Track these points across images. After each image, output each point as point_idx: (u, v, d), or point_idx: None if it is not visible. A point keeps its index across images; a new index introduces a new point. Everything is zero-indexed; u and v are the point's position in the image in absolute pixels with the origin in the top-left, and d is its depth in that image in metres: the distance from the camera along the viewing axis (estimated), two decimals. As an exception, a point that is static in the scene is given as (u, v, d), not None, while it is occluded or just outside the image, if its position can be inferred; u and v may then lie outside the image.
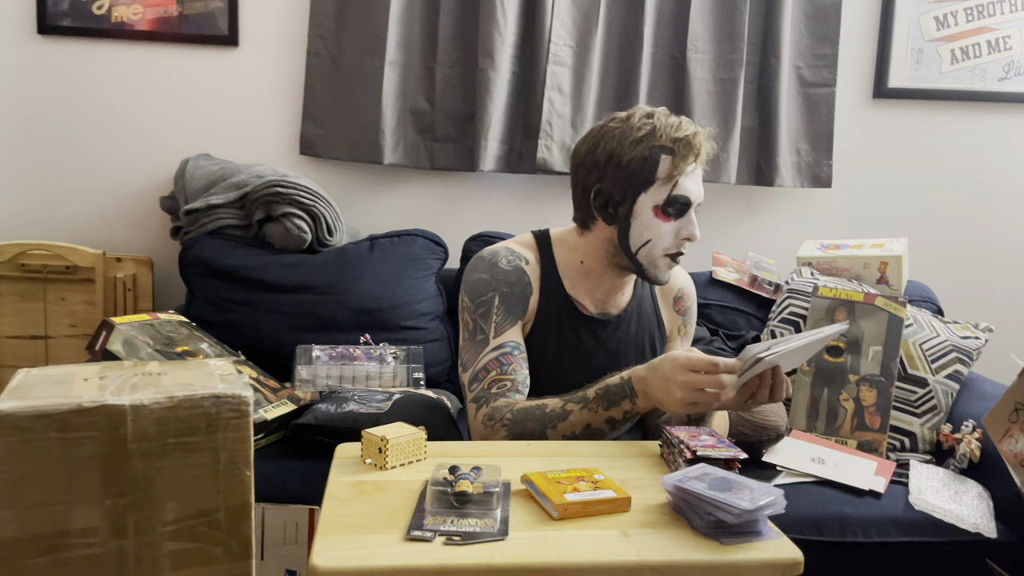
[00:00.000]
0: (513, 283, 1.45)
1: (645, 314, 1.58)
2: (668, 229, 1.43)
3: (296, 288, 2.09)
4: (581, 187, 1.48)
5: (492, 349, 1.42)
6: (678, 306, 1.62)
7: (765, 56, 2.42)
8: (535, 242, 1.54)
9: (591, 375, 1.38)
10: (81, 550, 0.86)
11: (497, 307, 1.44)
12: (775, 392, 1.30)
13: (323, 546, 0.94)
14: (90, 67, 2.34)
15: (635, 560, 0.95)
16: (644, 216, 1.42)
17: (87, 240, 2.36)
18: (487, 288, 1.45)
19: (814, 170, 2.47)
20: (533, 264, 1.49)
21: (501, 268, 1.46)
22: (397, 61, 2.32)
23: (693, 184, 1.43)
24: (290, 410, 1.77)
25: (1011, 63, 2.49)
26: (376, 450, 1.18)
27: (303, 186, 2.12)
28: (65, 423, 0.84)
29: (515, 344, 1.43)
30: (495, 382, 1.40)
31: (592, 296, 1.52)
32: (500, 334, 1.43)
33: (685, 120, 1.44)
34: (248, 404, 0.90)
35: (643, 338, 1.57)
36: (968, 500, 1.70)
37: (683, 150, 1.40)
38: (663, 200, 1.41)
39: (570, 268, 1.51)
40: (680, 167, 1.40)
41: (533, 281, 1.48)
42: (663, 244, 1.43)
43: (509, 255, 1.48)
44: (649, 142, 1.40)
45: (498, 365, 1.40)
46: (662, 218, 1.42)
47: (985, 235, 2.60)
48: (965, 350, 2.02)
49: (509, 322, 1.44)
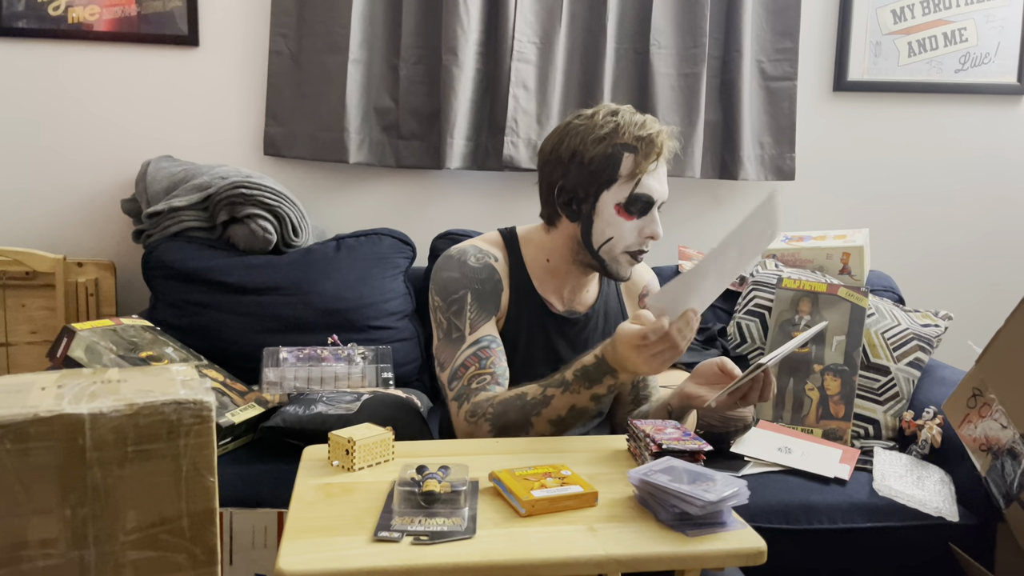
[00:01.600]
0: (484, 280, 1.45)
1: (612, 311, 1.58)
2: (630, 227, 1.43)
3: (262, 290, 2.07)
4: (546, 184, 1.48)
5: (469, 345, 1.41)
6: (643, 303, 1.63)
7: (727, 50, 2.44)
8: (502, 240, 1.53)
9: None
10: (40, 561, 0.85)
11: (470, 304, 1.43)
12: (764, 393, 1.34)
13: (290, 550, 0.93)
14: (47, 69, 2.30)
15: (602, 554, 0.95)
16: (606, 214, 1.42)
17: (47, 245, 2.32)
18: (458, 286, 1.44)
19: (777, 163, 2.50)
20: (502, 262, 1.49)
21: (471, 266, 1.45)
22: (360, 59, 2.31)
23: (656, 183, 1.43)
24: (258, 413, 1.75)
25: (967, 55, 2.53)
26: (343, 452, 1.17)
27: (267, 187, 2.10)
28: (22, 433, 0.83)
29: (492, 337, 1.43)
30: (474, 377, 1.39)
31: (559, 294, 1.52)
32: (475, 330, 1.42)
33: (650, 118, 1.44)
34: (210, 409, 0.89)
35: (610, 335, 1.57)
36: (931, 485, 1.73)
37: (646, 148, 1.40)
38: (625, 198, 1.41)
39: (537, 266, 1.51)
40: (643, 165, 1.40)
41: (503, 278, 1.48)
42: (625, 242, 1.43)
43: (477, 253, 1.48)
44: (612, 140, 1.40)
45: (476, 360, 1.40)
46: (624, 216, 1.42)
47: (944, 224, 2.65)
48: (925, 338, 2.06)
49: (483, 318, 1.43)
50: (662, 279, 2.29)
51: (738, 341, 2.15)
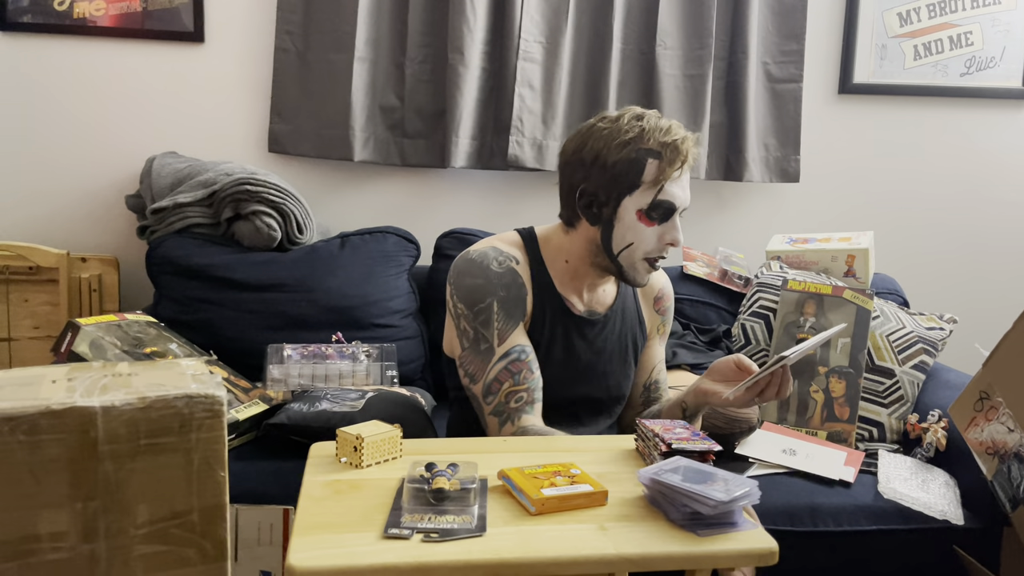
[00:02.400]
0: (509, 285, 1.42)
1: (628, 313, 1.57)
2: (651, 233, 1.41)
3: (266, 287, 2.07)
4: (567, 185, 1.46)
5: (499, 358, 1.39)
6: (658, 306, 1.62)
7: (733, 52, 2.44)
8: (521, 241, 1.50)
9: (575, 374, 1.37)
10: (50, 555, 0.84)
11: (497, 312, 1.40)
12: (782, 389, 1.34)
13: (300, 546, 0.93)
14: (52, 64, 2.29)
15: (613, 553, 0.95)
16: (628, 219, 1.41)
17: (51, 240, 2.31)
18: (484, 294, 1.41)
19: (782, 165, 2.50)
20: (523, 264, 1.46)
21: (494, 271, 1.42)
22: (366, 57, 2.31)
23: (679, 189, 1.41)
24: (262, 410, 1.75)
25: (972, 58, 2.53)
26: (351, 448, 1.17)
27: (272, 184, 2.10)
28: (33, 426, 0.82)
29: (521, 348, 1.41)
30: (511, 394, 1.38)
31: (580, 295, 1.51)
32: (504, 340, 1.40)
33: (675, 124, 1.42)
34: (222, 404, 0.89)
35: (626, 337, 1.57)
36: (935, 488, 1.73)
37: (671, 155, 1.38)
38: (648, 204, 1.39)
39: (557, 267, 1.49)
40: (667, 172, 1.38)
41: (525, 281, 1.45)
42: (645, 248, 1.42)
43: (499, 256, 1.45)
44: (636, 145, 1.38)
45: (509, 376, 1.38)
46: (646, 222, 1.40)
47: (949, 227, 2.65)
48: (931, 341, 2.06)
49: (511, 326, 1.41)
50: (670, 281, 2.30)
51: (743, 343, 2.14)
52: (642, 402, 1.61)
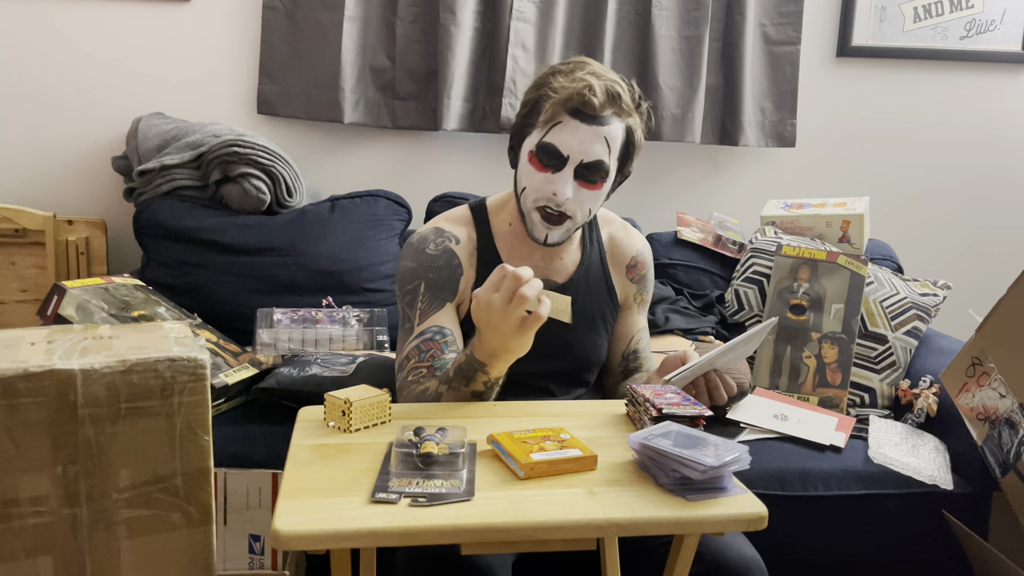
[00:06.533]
0: (440, 267, 1.41)
1: (594, 282, 1.51)
2: (541, 179, 1.36)
3: (255, 250, 2.04)
4: None
5: (415, 337, 1.38)
6: (632, 274, 1.55)
7: (730, 14, 2.39)
8: (471, 215, 1.48)
9: (536, 349, 1.30)
10: (32, 519, 0.83)
11: (423, 294, 1.39)
12: (714, 396, 1.35)
13: (286, 510, 0.92)
14: (36, 23, 2.24)
15: (602, 518, 0.94)
16: (523, 161, 1.40)
17: (36, 202, 2.28)
18: (412, 277, 1.41)
19: (778, 129, 2.47)
20: (465, 242, 1.44)
21: (427, 254, 1.41)
22: (356, 16, 2.26)
23: (574, 140, 1.33)
24: (251, 374, 1.74)
25: (972, 21, 2.50)
26: (339, 413, 1.16)
27: (261, 145, 2.06)
28: (11, 388, 0.81)
29: (437, 329, 1.38)
30: (413, 370, 1.36)
31: (530, 263, 1.44)
32: (423, 320, 1.38)
33: (599, 74, 1.35)
34: (205, 367, 0.87)
35: (592, 308, 1.50)
36: (925, 453, 1.74)
37: (565, 97, 1.33)
38: (535, 146, 1.36)
39: (505, 236, 1.46)
40: (556, 114, 1.33)
41: (464, 260, 1.42)
42: (535, 194, 1.37)
43: (437, 237, 1.43)
44: (545, 85, 1.37)
45: (418, 353, 1.36)
46: (536, 165, 1.36)
47: (944, 193, 2.63)
48: (924, 307, 2.05)
49: (435, 307, 1.39)
50: (660, 245, 2.29)
51: (736, 308, 2.13)
52: (620, 371, 1.56)
